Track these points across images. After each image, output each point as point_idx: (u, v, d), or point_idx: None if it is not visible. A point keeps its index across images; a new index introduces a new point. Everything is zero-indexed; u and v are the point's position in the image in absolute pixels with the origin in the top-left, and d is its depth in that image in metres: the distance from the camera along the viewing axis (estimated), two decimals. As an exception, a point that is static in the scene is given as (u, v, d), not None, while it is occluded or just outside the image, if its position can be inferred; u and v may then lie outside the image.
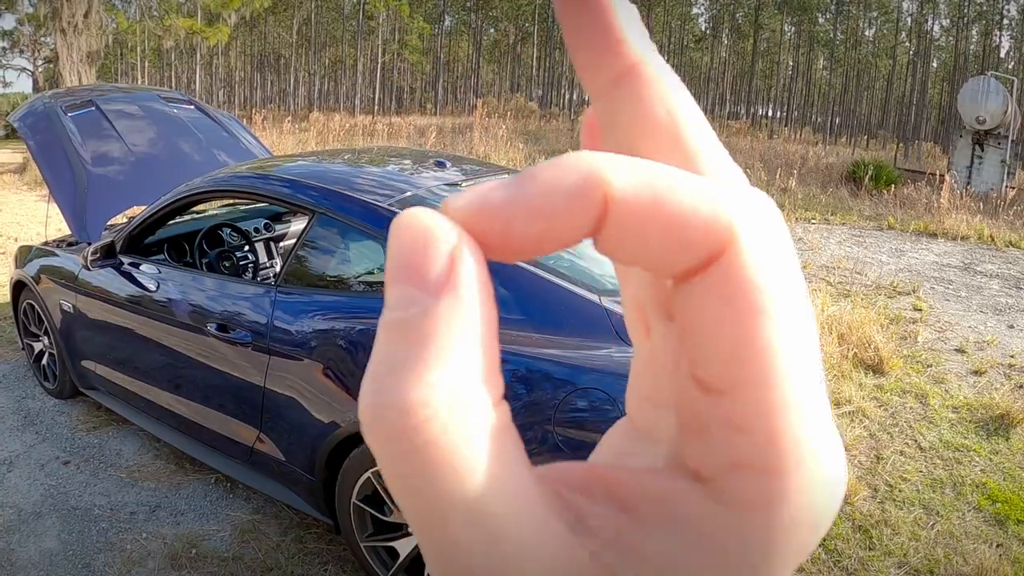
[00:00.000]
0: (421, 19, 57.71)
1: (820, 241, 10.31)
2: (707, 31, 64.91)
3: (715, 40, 62.85)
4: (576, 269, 2.94)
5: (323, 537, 3.50)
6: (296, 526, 3.60)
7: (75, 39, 22.12)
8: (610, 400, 2.34)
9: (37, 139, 5.16)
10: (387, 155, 4.57)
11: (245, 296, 3.45)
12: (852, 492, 3.77)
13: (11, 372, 5.59)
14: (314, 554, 3.37)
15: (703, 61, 67.67)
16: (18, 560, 3.38)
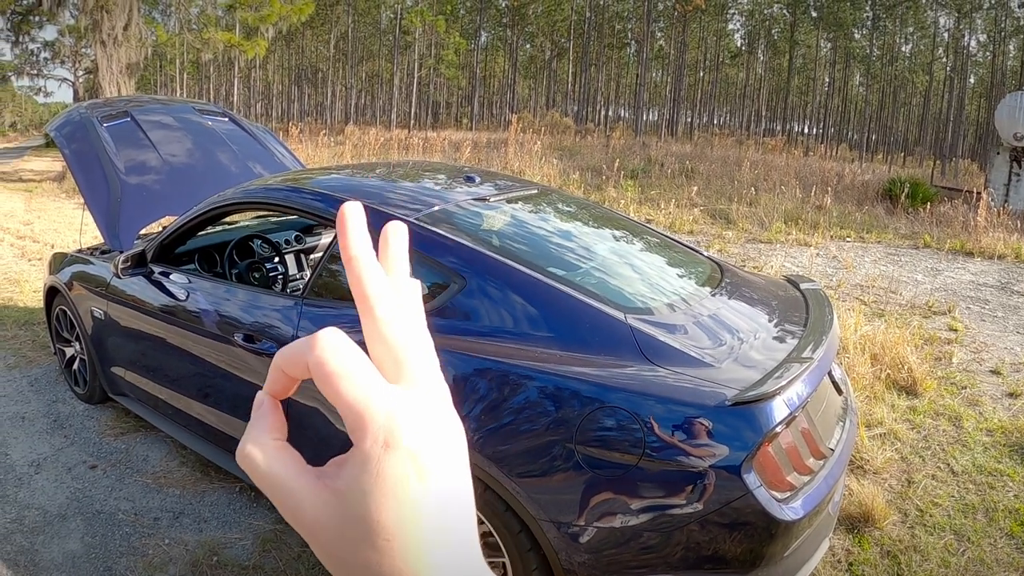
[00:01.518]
0: (457, 34, 58.12)
1: (855, 259, 10.19)
2: (743, 47, 64.65)
3: (751, 56, 62.56)
4: (604, 287, 2.92)
5: (345, 548, 3.48)
6: (318, 536, 3.58)
7: (114, 51, 22.46)
8: (635, 419, 2.31)
9: (72, 148, 5.23)
10: (418, 169, 4.57)
11: (272, 308, 3.45)
12: (881, 516, 3.69)
13: (43, 376, 5.66)
14: (335, 565, 3.36)
15: (739, 77, 67.42)
16: (41, 561, 3.41)
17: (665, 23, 58.08)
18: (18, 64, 42.71)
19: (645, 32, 49.79)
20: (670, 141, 38.12)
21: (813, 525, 2.46)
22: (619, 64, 68.64)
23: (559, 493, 2.41)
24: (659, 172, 20.35)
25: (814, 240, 11.55)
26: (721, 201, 15.17)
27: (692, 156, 24.54)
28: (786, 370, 2.42)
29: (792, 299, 3.36)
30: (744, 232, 12.39)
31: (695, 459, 2.26)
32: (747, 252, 10.75)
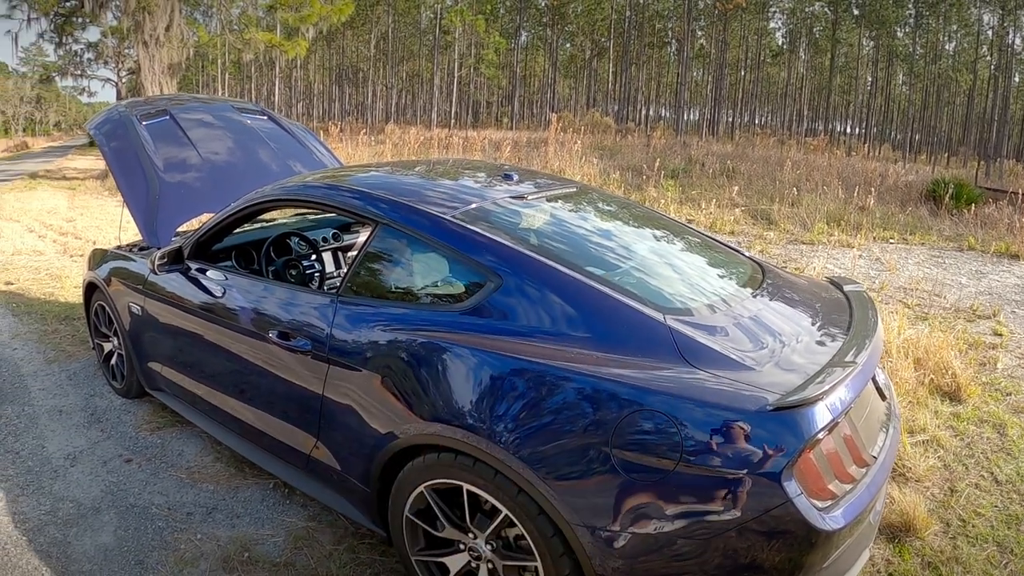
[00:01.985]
0: (497, 34, 58.28)
1: (898, 261, 10.02)
2: (784, 46, 64.05)
3: (792, 55, 61.96)
4: (643, 287, 2.86)
5: (376, 548, 3.46)
6: (350, 536, 3.57)
7: (156, 51, 22.78)
8: (672, 423, 2.25)
9: (112, 146, 5.27)
10: (456, 167, 4.53)
11: (307, 305, 3.42)
12: (923, 526, 3.58)
13: (81, 370, 5.73)
14: (366, 564, 3.34)
15: (780, 76, 66.83)
16: (73, 553, 3.42)
17: (706, 21, 57.73)
18: (62, 65, 43.51)
19: (686, 31, 49.49)
20: (711, 141, 37.84)
21: (854, 535, 2.38)
22: (660, 63, 68.37)
23: (594, 497, 2.35)
24: (700, 172, 20.18)
25: (857, 241, 11.38)
26: (763, 201, 15.00)
27: (733, 156, 24.32)
28: (829, 374, 2.35)
29: (835, 301, 3.27)
30: (786, 233, 12.24)
31: (734, 465, 2.19)
32: (789, 253, 10.61)
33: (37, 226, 13.17)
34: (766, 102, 72.02)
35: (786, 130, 56.42)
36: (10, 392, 5.32)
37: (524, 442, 2.44)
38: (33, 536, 3.55)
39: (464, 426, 2.60)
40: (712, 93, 58.38)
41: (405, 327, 2.92)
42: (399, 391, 2.86)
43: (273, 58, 39.79)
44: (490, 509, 2.67)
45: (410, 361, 2.84)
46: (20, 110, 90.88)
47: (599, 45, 64.97)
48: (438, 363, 2.74)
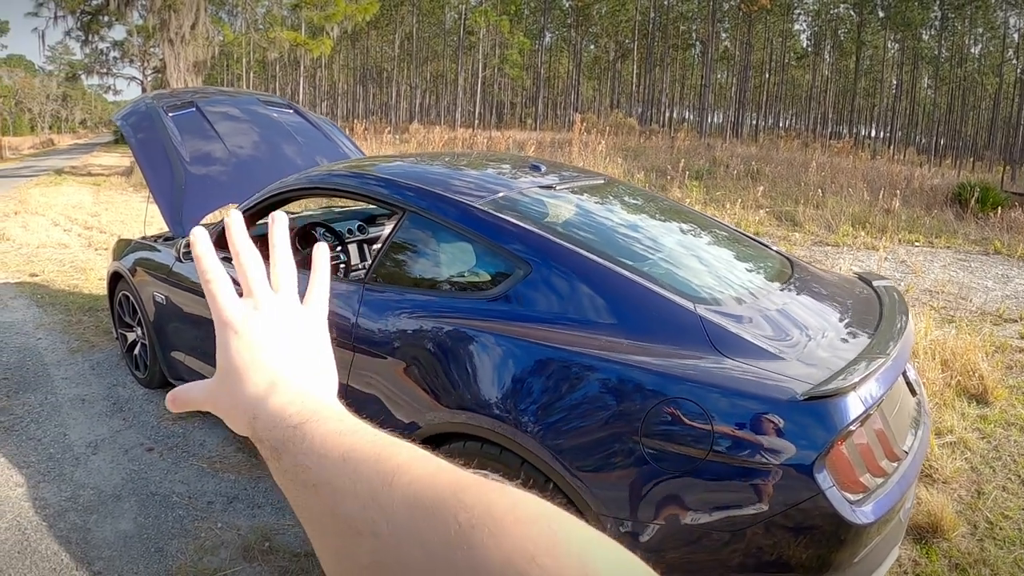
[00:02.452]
0: (521, 35, 58.29)
1: (923, 264, 9.92)
2: (809, 48, 63.67)
3: (817, 57, 61.58)
4: (672, 277, 2.82)
5: (396, 537, 3.44)
6: (371, 525, 3.55)
7: (182, 49, 22.93)
8: (703, 412, 2.21)
9: (139, 137, 5.29)
10: (482, 159, 4.51)
11: (333, 293, 3.41)
12: (950, 527, 3.52)
13: (104, 360, 5.75)
14: (386, 555, 3.32)
15: (804, 79, 66.45)
16: (93, 539, 3.43)
17: (730, 23, 57.52)
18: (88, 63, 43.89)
19: (710, 33, 49.32)
20: (735, 143, 37.67)
21: (883, 532, 2.33)
22: (684, 65, 68.20)
23: (622, 487, 2.31)
24: (724, 173, 20.10)
25: (882, 244, 11.29)
26: (787, 203, 14.90)
27: (757, 158, 24.18)
28: (861, 366, 2.29)
29: (865, 295, 3.22)
30: (811, 234, 12.16)
31: (765, 456, 2.14)
32: (814, 255, 10.54)
33: (62, 220, 13.29)
34: (790, 105, 71.66)
35: (810, 133, 56.14)
36: (33, 381, 5.35)
37: (552, 431, 2.41)
38: (53, 522, 3.56)
39: (491, 415, 2.57)
40: (736, 95, 58.12)
41: (432, 314, 2.89)
42: (425, 379, 2.84)
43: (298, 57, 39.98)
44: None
45: (436, 349, 2.82)
46: (46, 107, 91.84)
47: (623, 46, 64.85)
48: (465, 351, 2.72)
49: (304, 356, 0.67)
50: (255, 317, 0.66)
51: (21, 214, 13.99)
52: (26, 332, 6.48)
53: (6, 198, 17.12)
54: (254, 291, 0.68)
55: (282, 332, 0.66)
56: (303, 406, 0.59)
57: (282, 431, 0.56)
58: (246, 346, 0.64)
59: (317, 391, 0.63)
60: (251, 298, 0.68)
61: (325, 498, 0.51)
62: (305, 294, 0.73)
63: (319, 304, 0.73)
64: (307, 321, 0.70)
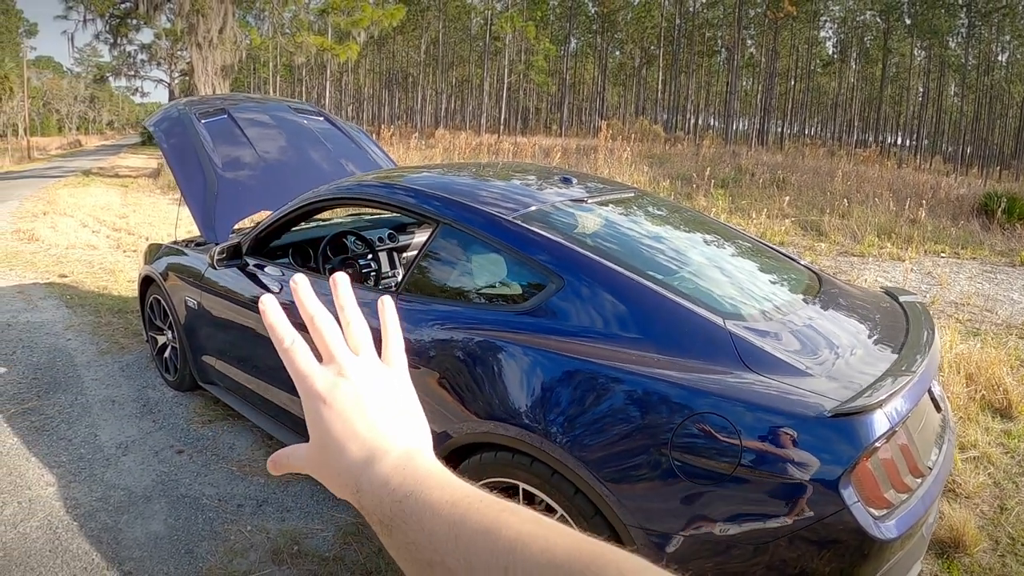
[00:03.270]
0: (547, 41, 58.31)
1: (949, 276, 9.86)
2: (835, 55, 63.29)
3: (843, 65, 61.21)
4: (702, 291, 2.84)
5: (425, 545, 3.48)
6: (399, 532, 3.59)
7: (210, 53, 23.13)
8: (731, 427, 2.23)
9: (171, 143, 5.37)
10: (511, 170, 4.55)
11: (365, 302, 3.46)
12: (972, 543, 3.51)
13: (134, 362, 5.83)
14: (413, 561, 3.36)
15: (831, 86, 66.07)
16: (124, 539, 3.48)
17: (756, 30, 57.33)
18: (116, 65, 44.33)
19: (735, 39, 49.19)
20: (760, 151, 37.57)
21: (906, 547, 2.34)
22: (709, 72, 68.06)
23: (650, 499, 2.34)
24: (749, 181, 20.05)
25: (908, 255, 11.25)
26: (813, 212, 14.86)
27: (783, 166, 24.12)
28: (888, 382, 2.32)
29: (891, 311, 3.23)
30: (836, 244, 12.13)
31: (792, 471, 2.17)
32: (839, 265, 10.50)
33: (91, 221, 13.44)
34: (816, 112, 71.27)
35: (836, 141, 55.81)
36: (64, 381, 5.43)
37: (582, 442, 2.44)
38: (84, 521, 3.62)
39: (522, 425, 2.60)
40: (762, 103, 57.93)
41: (464, 326, 2.94)
42: (457, 389, 2.87)
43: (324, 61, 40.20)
44: (544, 508, 2.66)
45: (466, 360, 2.85)
46: (74, 109, 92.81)
47: (648, 53, 64.80)
48: (497, 362, 2.75)
49: (396, 417, 0.67)
50: (342, 385, 0.66)
51: (50, 215, 14.16)
52: (56, 333, 6.58)
53: (35, 198, 17.35)
54: (336, 357, 0.68)
55: (371, 397, 0.66)
56: (405, 477, 0.59)
57: (389, 506, 0.58)
58: (338, 416, 0.64)
59: (415, 454, 0.64)
60: (333, 364, 0.68)
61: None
62: (382, 351, 0.73)
63: (398, 360, 0.73)
64: (392, 381, 0.70)
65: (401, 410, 0.68)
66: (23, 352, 6.05)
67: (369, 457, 0.62)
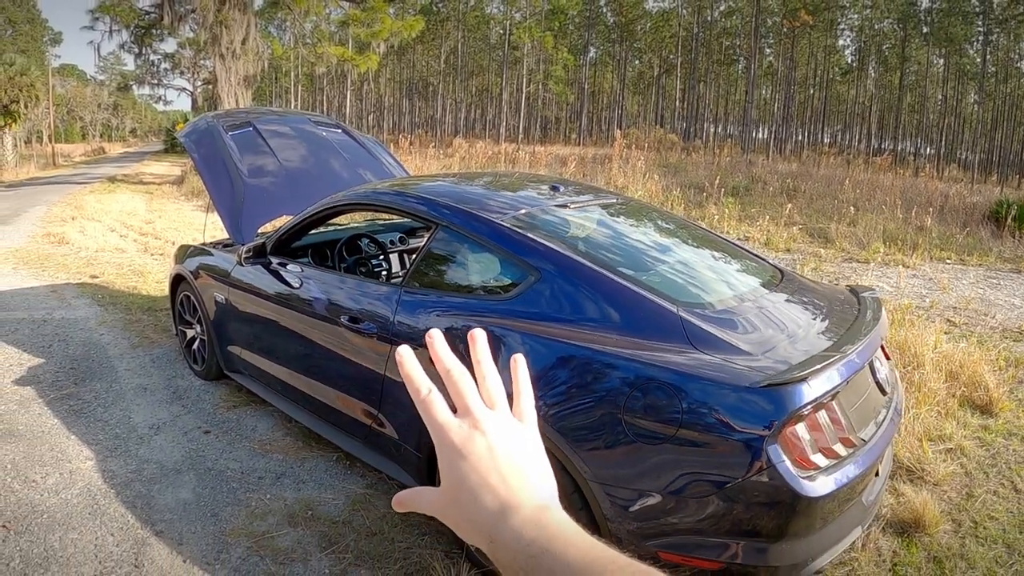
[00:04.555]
0: (565, 50, 58.49)
1: (951, 281, 10.02)
2: (853, 63, 63.13)
3: (861, 73, 61.06)
4: (662, 283, 3.28)
5: (426, 511, 3.82)
6: (404, 501, 3.92)
7: (232, 63, 23.57)
8: (675, 395, 2.62)
9: (201, 152, 5.79)
10: (509, 179, 5.05)
11: (375, 294, 3.89)
12: (932, 523, 3.72)
13: (163, 355, 6.23)
14: (415, 526, 3.70)
15: (849, 95, 65.88)
16: (156, 504, 3.87)
17: (774, 39, 57.38)
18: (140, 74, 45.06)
19: (753, 48, 49.28)
20: (777, 159, 37.69)
21: (842, 511, 2.70)
22: (728, 81, 68.06)
23: (605, 458, 2.74)
24: (761, 190, 20.27)
25: (912, 261, 11.42)
26: (821, 220, 15.07)
27: (796, 175, 24.27)
28: (818, 360, 2.67)
29: (846, 303, 3.62)
30: (841, 251, 12.31)
31: (727, 432, 2.53)
32: (841, 271, 10.72)
33: (118, 226, 13.87)
34: (835, 121, 71.12)
35: (855, 149, 55.72)
36: (99, 371, 5.83)
37: (555, 412, 2.85)
38: (120, 490, 4.02)
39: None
40: (780, 111, 58.00)
41: (461, 313, 3.38)
42: None
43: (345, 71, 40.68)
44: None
45: (460, 342, 3.23)
46: (98, 116, 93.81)
47: (667, 62, 64.99)
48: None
49: (527, 472, 0.69)
50: (477, 438, 0.69)
51: (78, 219, 14.62)
52: (89, 328, 6.99)
53: (63, 204, 17.82)
54: (472, 410, 0.71)
55: (504, 451, 0.69)
56: (539, 532, 0.63)
57: (523, 560, 0.61)
58: (472, 468, 0.68)
59: (546, 509, 0.66)
60: (469, 417, 0.71)
61: None
62: (513, 406, 0.76)
63: (530, 415, 0.75)
64: (524, 435, 0.73)
65: (532, 465, 0.71)
66: (59, 345, 6.46)
67: (502, 510, 0.65)
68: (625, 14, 60.98)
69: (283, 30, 47.87)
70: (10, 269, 9.89)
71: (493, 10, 60.69)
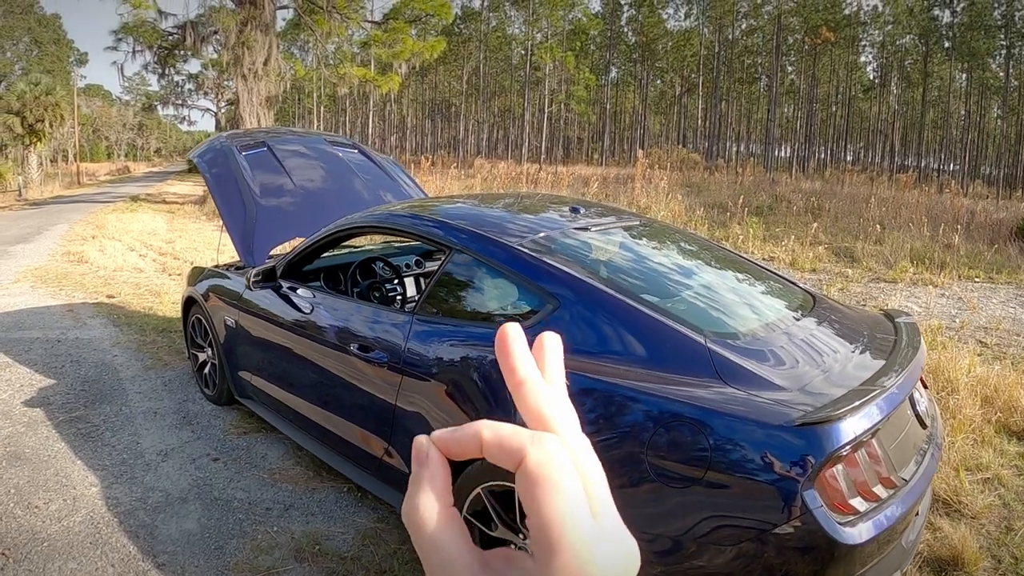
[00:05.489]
0: (587, 70, 58.58)
1: (981, 301, 9.82)
2: (875, 80, 62.80)
3: (884, 89, 60.71)
4: (689, 311, 3.09)
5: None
6: (415, 535, 3.77)
7: (255, 84, 23.68)
8: (703, 434, 2.41)
9: (213, 173, 5.69)
10: (528, 200, 4.87)
11: (386, 321, 3.73)
12: (971, 561, 3.54)
13: (176, 378, 6.12)
14: (427, 563, 3.55)
15: (872, 111, 65.54)
16: (159, 535, 3.74)
17: (795, 57, 57.17)
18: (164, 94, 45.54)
19: (775, 66, 49.17)
20: (800, 178, 37.48)
21: (882, 554, 2.47)
22: (749, 99, 67.89)
23: (628, 500, 2.53)
24: (786, 209, 20.07)
25: (940, 280, 11.21)
26: (846, 239, 14.87)
27: (820, 193, 24.08)
28: (856, 396, 2.46)
29: (882, 330, 3.39)
30: (868, 271, 12.11)
31: (759, 476, 2.34)
32: (869, 291, 10.52)
33: (138, 245, 13.89)
34: (858, 138, 70.71)
35: (878, 166, 55.33)
36: (109, 393, 5.74)
37: None
38: (124, 519, 3.89)
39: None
40: (802, 129, 57.72)
41: (473, 343, 3.20)
42: (464, 402, 3.13)
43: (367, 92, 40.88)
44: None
45: (474, 375, 3.10)
46: (123, 136, 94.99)
47: (688, 81, 64.87)
48: (497, 374, 2.95)
49: None
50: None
51: (98, 238, 14.66)
52: (103, 349, 6.91)
53: (84, 223, 17.93)
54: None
55: None
56: None
57: None
58: None
59: None
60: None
61: None
62: None
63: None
64: None
65: None
66: (71, 366, 6.38)
67: None
68: (646, 34, 60.98)
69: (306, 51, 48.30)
70: (28, 287, 9.91)
71: (515, 31, 60.84)
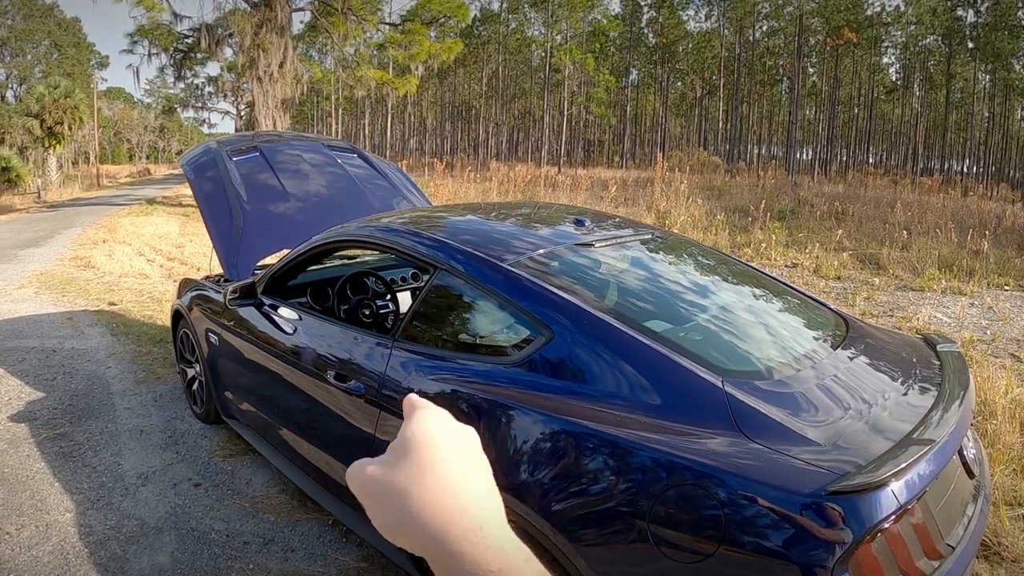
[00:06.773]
0: (607, 72, 58.33)
1: (1012, 311, 9.45)
2: (898, 82, 62.18)
3: (906, 91, 60.08)
4: (704, 345, 2.68)
5: (422, 595, 3.36)
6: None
7: (270, 87, 23.60)
8: (717, 500, 2.01)
9: (199, 179, 5.43)
10: (529, 211, 4.42)
11: (364, 347, 3.35)
12: None
13: (167, 393, 5.87)
14: (412, 607, 3.24)
15: (894, 113, 64.92)
16: (129, 570, 3.47)
17: (817, 58, 56.61)
18: (184, 97, 45.68)
19: (796, 68, 48.70)
20: (823, 181, 37.04)
21: None
22: (771, 101, 67.48)
23: (625, 571, 2.16)
24: (808, 213, 19.67)
25: (969, 288, 10.84)
26: (871, 245, 14.48)
27: (844, 197, 23.70)
28: (901, 453, 2.04)
29: (924, 363, 2.93)
30: (894, 278, 11.75)
31: (782, 553, 1.92)
32: (896, 300, 10.16)
33: (147, 250, 13.73)
34: (881, 140, 70.03)
35: (901, 169, 54.73)
36: (97, 409, 5.49)
37: (553, 503, 2.28)
38: (94, 549, 3.64)
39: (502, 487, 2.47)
40: (824, 131, 57.18)
41: (457, 377, 2.81)
42: None
43: (384, 95, 40.79)
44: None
45: (456, 412, 2.74)
46: (144, 138, 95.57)
47: (709, 83, 64.46)
48: (482, 416, 2.62)
49: None
50: None
51: (108, 243, 14.52)
52: (97, 360, 6.68)
53: (97, 226, 17.83)
54: None
55: None
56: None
57: None
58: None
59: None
60: None
61: None
62: None
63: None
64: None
65: None
66: (63, 378, 6.17)
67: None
68: (666, 35, 60.63)
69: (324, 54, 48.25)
70: (32, 293, 9.77)
71: (534, 33, 60.63)
